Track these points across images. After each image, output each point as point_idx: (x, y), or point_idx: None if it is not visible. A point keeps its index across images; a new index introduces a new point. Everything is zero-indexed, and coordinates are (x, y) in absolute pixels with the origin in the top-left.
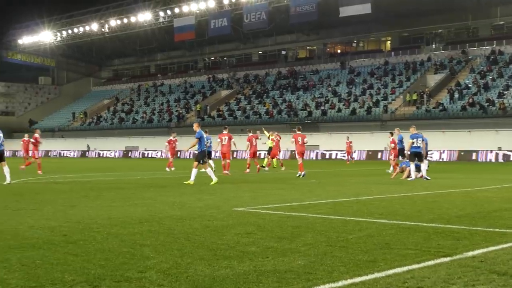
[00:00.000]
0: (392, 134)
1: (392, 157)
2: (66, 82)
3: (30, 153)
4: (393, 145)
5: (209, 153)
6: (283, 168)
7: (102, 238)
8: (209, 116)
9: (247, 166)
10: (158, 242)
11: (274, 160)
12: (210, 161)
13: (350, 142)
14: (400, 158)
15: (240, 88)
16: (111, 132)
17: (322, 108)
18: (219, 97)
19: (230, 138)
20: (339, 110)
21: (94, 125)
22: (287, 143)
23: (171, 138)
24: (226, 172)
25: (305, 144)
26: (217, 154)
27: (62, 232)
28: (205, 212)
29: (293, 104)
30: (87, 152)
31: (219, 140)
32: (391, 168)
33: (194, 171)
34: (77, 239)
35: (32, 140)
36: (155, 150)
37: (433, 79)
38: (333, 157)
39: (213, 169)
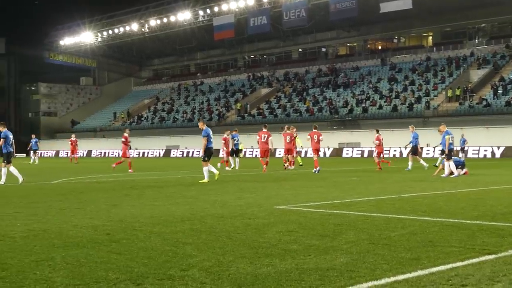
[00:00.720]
0: (378, 131)
1: (375, 154)
2: (107, 82)
3: (121, 152)
4: (377, 142)
5: (237, 150)
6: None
7: (145, 236)
8: (249, 114)
9: (290, 163)
10: (200, 240)
11: (289, 156)
12: (237, 159)
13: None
14: (409, 155)
15: (280, 86)
16: (152, 132)
17: (363, 105)
18: (259, 95)
19: (269, 136)
20: (380, 107)
21: (135, 125)
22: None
23: (225, 135)
24: (264, 167)
25: (320, 142)
26: (256, 152)
27: (105, 231)
28: (246, 210)
29: (333, 102)
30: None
31: (258, 137)
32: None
33: (205, 169)
34: (120, 238)
35: (122, 139)
36: (195, 149)
37: (476, 74)
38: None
39: (232, 167)
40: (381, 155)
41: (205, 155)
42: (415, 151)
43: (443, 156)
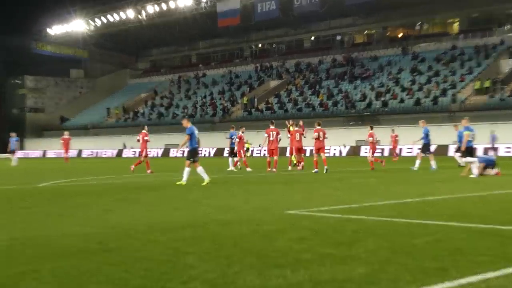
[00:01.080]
0: (371, 127)
1: (370, 153)
2: (100, 74)
3: (138, 151)
4: (371, 139)
5: (233, 149)
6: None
7: (141, 245)
8: (257, 109)
9: (298, 163)
10: (202, 249)
11: (293, 156)
12: (235, 158)
13: (396, 136)
14: (422, 153)
15: (291, 78)
16: (149, 129)
17: (383, 98)
18: (267, 88)
19: (277, 134)
20: (402, 101)
21: (130, 121)
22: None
23: (240, 133)
24: (273, 169)
25: (325, 139)
26: (264, 151)
27: (97, 239)
28: (254, 216)
29: (350, 95)
30: (123, 151)
31: (266, 135)
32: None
33: (186, 171)
34: (113, 247)
35: (140, 136)
36: (198, 149)
37: (507, 65)
38: (368, 153)
39: (230, 169)
40: (375, 154)
41: (190, 155)
42: (427, 149)
43: (459, 154)
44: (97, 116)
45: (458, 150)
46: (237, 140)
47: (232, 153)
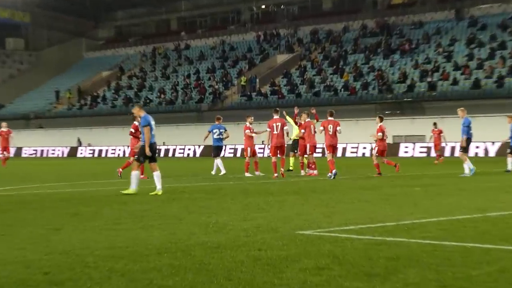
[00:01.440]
0: (381, 118)
1: (375, 151)
2: (46, 46)
3: (128, 149)
4: (380, 134)
5: (219, 148)
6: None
7: (102, 277)
8: (259, 93)
9: (309, 165)
10: (185, 282)
11: (292, 158)
12: (218, 160)
13: (440, 132)
14: (461, 152)
15: (305, 51)
16: (114, 120)
17: (429, 79)
18: (273, 65)
19: (283, 125)
20: (455, 82)
21: (87, 110)
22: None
23: (247, 124)
24: (279, 172)
25: (337, 134)
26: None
27: (42, 268)
28: (255, 237)
29: (385, 74)
30: (78, 150)
31: (269, 129)
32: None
33: (134, 175)
34: (64, 279)
35: (132, 130)
36: (180, 146)
37: None
38: (448, 153)
39: (214, 173)
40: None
41: (139, 155)
42: (466, 145)
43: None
44: (42, 102)
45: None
46: (249, 133)
47: (218, 153)
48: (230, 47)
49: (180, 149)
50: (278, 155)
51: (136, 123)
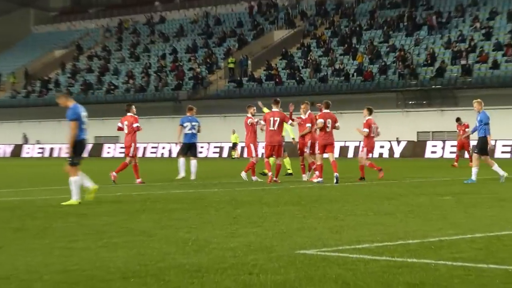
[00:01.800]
0: (370, 110)
1: (364, 153)
2: None
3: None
4: (367, 130)
5: (193, 145)
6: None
7: None
8: (251, 78)
9: (310, 167)
10: None
11: (286, 160)
12: (193, 161)
13: (466, 127)
14: (473, 153)
15: (309, 26)
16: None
17: (463, 61)
18: (269, 43)
19: (282, 120)
20: (496, 65)
21: (36, 98)
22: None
23: (249, 115)
24: (275, 179)
25: (334, 130)
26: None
27: None
28: (245, 258)
29: (408, 56)
30: (23, 148)
31: (263, 122)
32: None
33: (73, 182)
34: None
35: (120, 124)
36: (152, 144)
37: None
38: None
39: (182, 176)
40: (370, 155)
41: (74, 155)
42: (483, 146)
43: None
44: None
45: None
46: (252, 122)
47: (187, 151)
48: (216, 20)
49: (152, 147)
50: (273, 157)
51: (130, 113)
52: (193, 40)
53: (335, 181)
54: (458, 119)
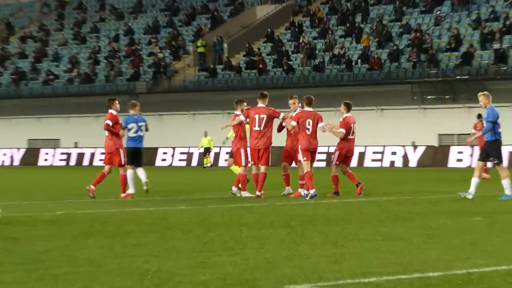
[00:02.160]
0: (348, 106)
1: (336, 158)
2: None
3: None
4: (343, 130)
5: (138, 151)
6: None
7: None
8: (228, 65)
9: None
10: None
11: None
12: (139, 170)
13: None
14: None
15: (300, 1)
16: None
17: (496, 45)
18: (250, 21)
19: (270, 118)
20: None
21: None
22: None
23: (238, 112)
24: (257, 193)
25: (317, 133)
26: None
27: None
28: None
29: (426, 38)
30: None
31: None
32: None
33: None
34: None
35: (108, 122)
36: (101, 149)
37: None
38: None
39: (131, 192)
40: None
41: None
42: (487, 152)
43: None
44: None
45: None
46: (244, 125)
47: (136, 159)
48: None
49: (101, 153)
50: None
51: (113, 112)
52: (154, 17)
53: (308, 196)
54: (479, 116)
